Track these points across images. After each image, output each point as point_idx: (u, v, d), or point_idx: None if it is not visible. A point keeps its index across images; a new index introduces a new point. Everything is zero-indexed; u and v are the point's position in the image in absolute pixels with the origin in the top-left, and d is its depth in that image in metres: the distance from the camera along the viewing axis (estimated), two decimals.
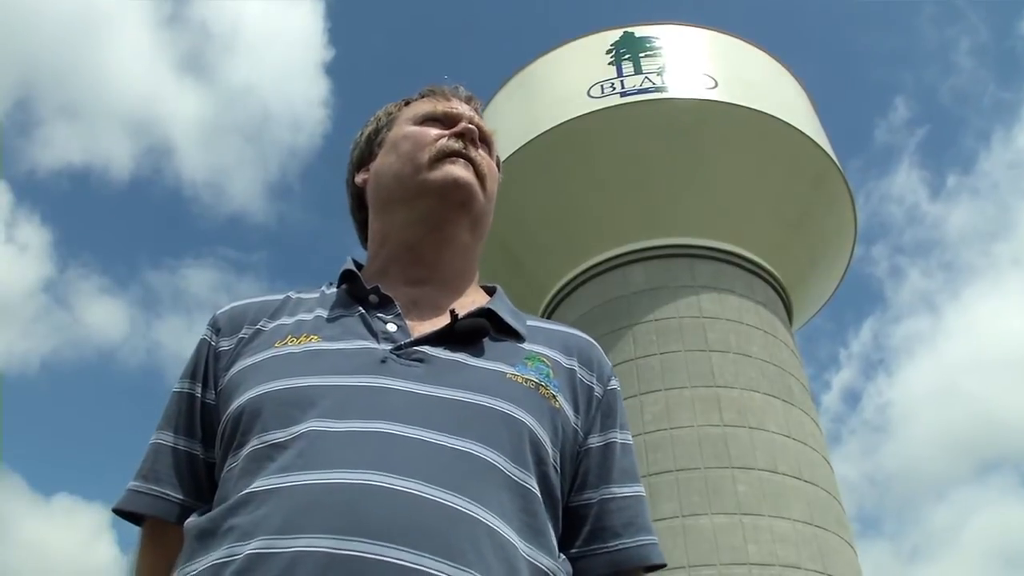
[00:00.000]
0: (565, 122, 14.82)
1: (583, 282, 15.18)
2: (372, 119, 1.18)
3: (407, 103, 1.17)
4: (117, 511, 0.96)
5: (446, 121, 1.10)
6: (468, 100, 1.15)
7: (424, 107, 1.13)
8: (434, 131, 1.08)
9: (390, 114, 1.16)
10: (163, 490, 0.95)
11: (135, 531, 0.99)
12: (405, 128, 1.10)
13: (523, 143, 15.11)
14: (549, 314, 15.74)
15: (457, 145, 1.06)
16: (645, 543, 0.95)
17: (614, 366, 1.09)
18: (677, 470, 12.02)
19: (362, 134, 1.18)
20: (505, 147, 15.23)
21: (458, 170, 1.04)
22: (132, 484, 0.96)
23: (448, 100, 1.13)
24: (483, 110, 1.19)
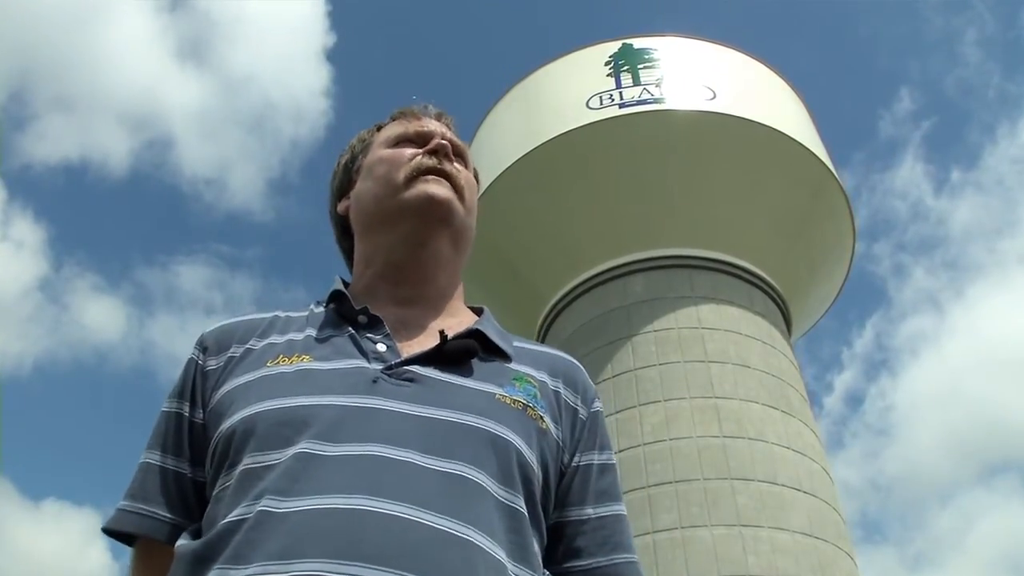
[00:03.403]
0: (564, 133, 14.86)
1: (582, 293, 15.18)
2: (347, 148, 1.20)
3: (379, 128, 1.19)
4: (107, 531, 0.97)
5: (419, 140, 1.12)
6: (439, 117, 1.17)
7: (396, 129, 1.15)
8: (408, 151, 1.10)
9: (363, 140, 1.19)
10: (152, 509, 0.95)
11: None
12: (379, 152, 1.12)
13: (522, 154, 15.15)
14: (548, 325, 15.75)
15: (431, 162, 1.08)
16: (619, 562, 0.98)
17: (613, 377, 1.12)
18: (676, 481, 12.00)
19: (339, 163, 1.20)
20: (504, 158, 15.29)
21: (433, 187, 1.06)
22: (122, 504, 0.97)
23: (419, 119, 1.16)
24: (482, 122, 1.20)
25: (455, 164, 1.11)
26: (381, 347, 0.96)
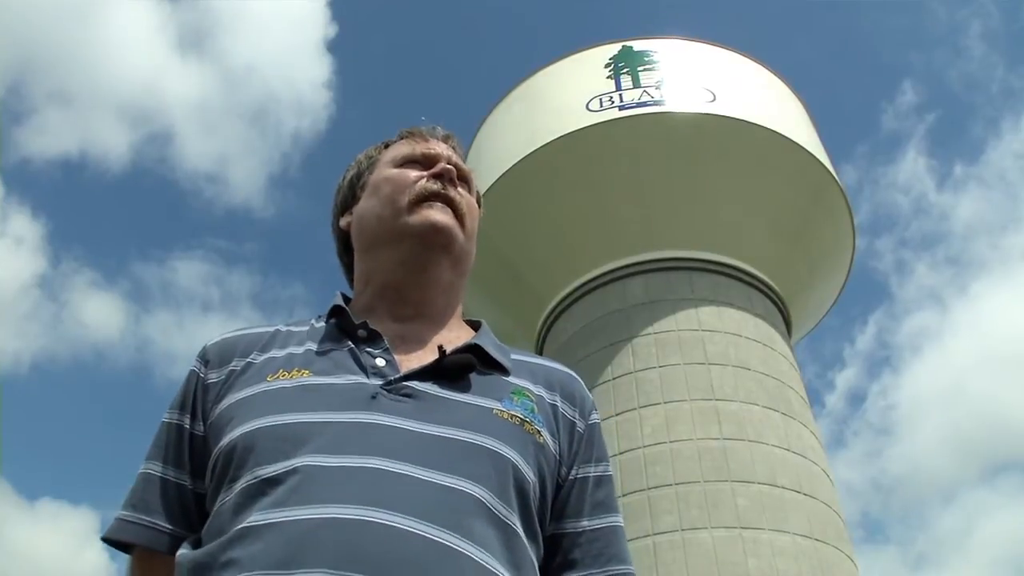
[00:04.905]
0: (564, 135, 14.86)
1: (582, 295, 15.17)
2: (353, 163, 1.21)
3: (386, 145, 1.20)
4: (107, 540, 0.98)
5: (425, 162, 1.13)
6: (446, 139, 1.18)
7: (403, 149, 1.15)
8: (413, 173, 1.11)
9: (370, 157, 1.19)
10: (153, 520, 0.96)
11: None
12: (385, 171, 1.13)
13: (522, 156, 15.16)
14: (548, 327, 15.73)
15: (435, 186, 1.09)
16: (614, 573, 0.99)
17: (613, 379, 1.12)
18: (676, 484, 11.99)
19: (344, 178, 1.20)
20: (504, 160, 15.29)
21: (436, 214, 1.07)
22: (121, 513, 0.98)
23: (426, 141, 1.16)
24: (482, 123, 1.21)
25: (459, 189, 1.12)
26: (380, 362, 0.97)
